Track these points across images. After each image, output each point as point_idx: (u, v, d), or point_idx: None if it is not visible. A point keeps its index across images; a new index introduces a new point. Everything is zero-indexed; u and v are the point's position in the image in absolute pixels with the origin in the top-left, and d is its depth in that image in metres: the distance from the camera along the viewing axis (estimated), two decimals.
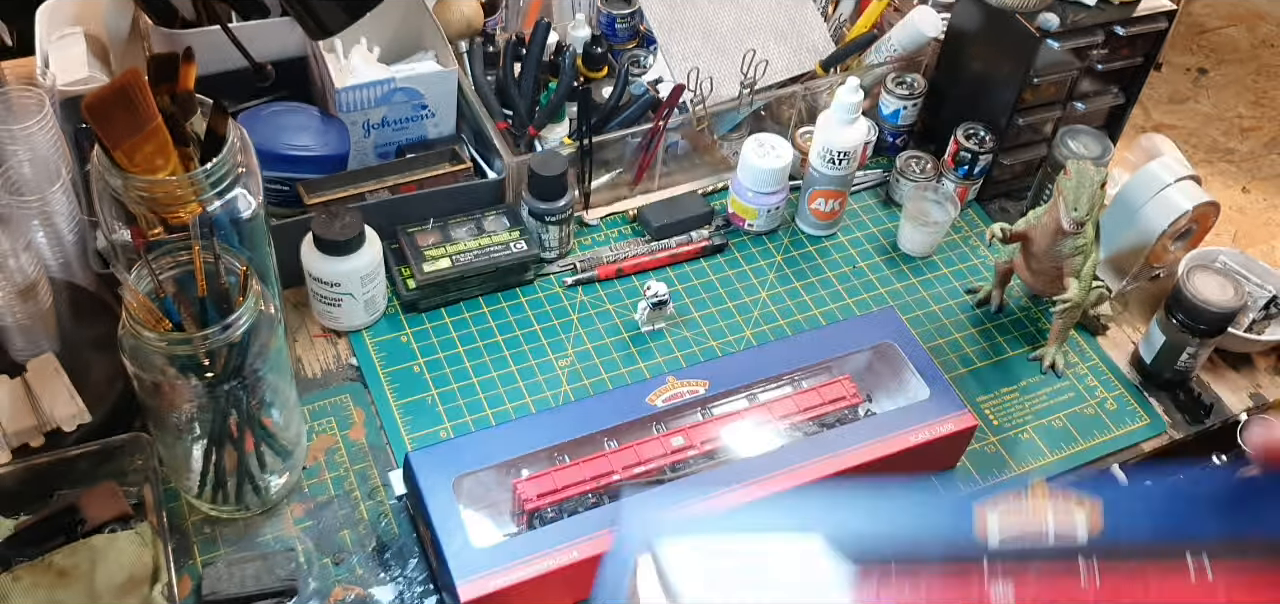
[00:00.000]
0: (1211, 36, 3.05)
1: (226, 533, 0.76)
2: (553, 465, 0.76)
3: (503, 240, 0.96)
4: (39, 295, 0.78)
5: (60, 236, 0.84)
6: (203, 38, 0.94)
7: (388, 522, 0.78)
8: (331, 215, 0.86)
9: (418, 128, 1.03)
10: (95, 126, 0.63)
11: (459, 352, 0.92)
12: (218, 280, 0.67)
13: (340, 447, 0.83)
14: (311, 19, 0.72)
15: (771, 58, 1.08)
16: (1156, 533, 0.34)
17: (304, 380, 0.88)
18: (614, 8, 1.16)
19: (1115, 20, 1.04)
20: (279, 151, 0.94)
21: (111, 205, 0.68)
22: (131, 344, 0.65)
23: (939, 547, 0.38)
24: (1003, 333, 1.00)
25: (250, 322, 0.66)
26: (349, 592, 0.74)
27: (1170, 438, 0.93)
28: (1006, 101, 1.06)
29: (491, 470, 0.75)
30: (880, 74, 1.14)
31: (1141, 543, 0.34)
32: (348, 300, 0.88)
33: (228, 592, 0.71)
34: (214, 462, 0.72)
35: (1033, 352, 0.98)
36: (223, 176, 0.68)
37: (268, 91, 0.98)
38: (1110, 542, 0.35)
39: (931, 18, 1.11)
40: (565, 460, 0.76)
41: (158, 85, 0.67)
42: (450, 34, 1.08)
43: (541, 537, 0.71)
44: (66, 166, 0.84)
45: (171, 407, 0.70)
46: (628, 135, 1.04)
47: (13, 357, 0.79)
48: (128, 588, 0.69)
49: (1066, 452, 0.90)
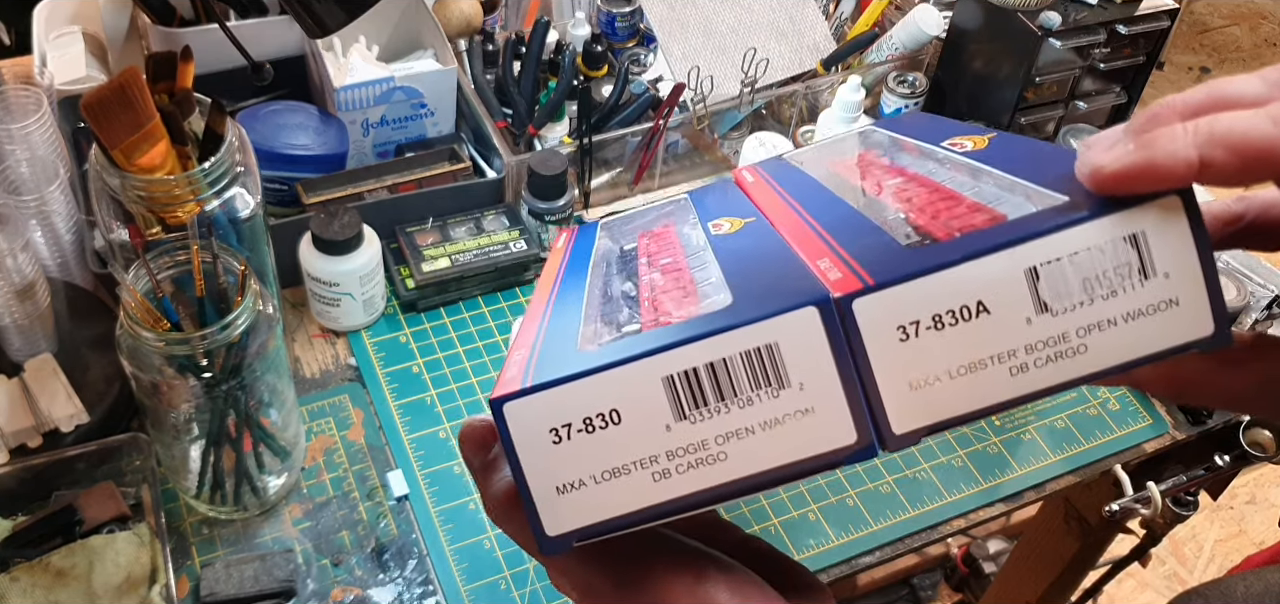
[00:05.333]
0: (1214, 35, 3.05)
1: (225, 534, 0.76)
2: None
3: (502, 240, 0.96)
4: (37, 295, 0.77)
5: (58, 236, 0.84)
6: (201, 36, 0.93)
7: (387, 522, 0.78)
8: (330, 215, 0.86)
9: (417, 127, 1.03)
10: (93, 126, 0.63)
11: (458, 352, 0.91)
12: (216, 280, 0.67)
13: (339, 447, 0.83)
14: (310, 17, 0.71)
15: (772, 56, 1.08)
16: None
17: (302, 380, 0.87)
18: (614, 6, 1.16)
19: (1117, 19, 1.04)
20: (277, 151, 0.94)
21: (109, 205, 0.68)
22: (129, 344, 0.65)
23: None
24: None
25: (248, 321, 0.65)
26: (348, 592, 0.74)
27: (1172, 438, 0.93)
28: (1008, 100, 1.06)
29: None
30: (882, 73, 1.14)
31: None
32: (346, 300, 0.88)
33: (226, 592, 0.71)
34: (212, 462, 0.72)
35: None
36: (221, 176, 0.68)
37: (266, 90, 0.98)
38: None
39: (933, 16, 1.11)
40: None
41: (156, 84, 0.67)
42: (449, 32, 1.08)
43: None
44: (64, 166, 0.84)
45: (170, 407, 0.70)
46: (628, 134, 1.04)
47: (10, 357, 0.78)
48: (126, 589, 0.68)
49: (1069, 452, 0.89)
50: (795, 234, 0.33)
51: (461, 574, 0.76)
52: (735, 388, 0.28)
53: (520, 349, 0.32)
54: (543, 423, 0.28)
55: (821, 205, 0.35)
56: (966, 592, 1.59)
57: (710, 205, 0.42)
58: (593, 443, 0.28)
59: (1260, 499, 2.01)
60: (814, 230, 0.32)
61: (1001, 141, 0.35)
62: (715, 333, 0.27)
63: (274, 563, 0.73)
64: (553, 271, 0.41)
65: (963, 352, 0.27)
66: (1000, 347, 0.27)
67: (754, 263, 0.32)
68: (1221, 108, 0.26)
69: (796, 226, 0.34)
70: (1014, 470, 0.88)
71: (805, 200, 0.37)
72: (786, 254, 0.31)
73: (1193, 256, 0.26)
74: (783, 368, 0.27)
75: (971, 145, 0.35)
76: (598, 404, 0.28)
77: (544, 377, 0.28)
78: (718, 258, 0.34)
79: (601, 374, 0.28)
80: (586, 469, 0.29)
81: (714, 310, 0.29)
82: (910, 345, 0.27)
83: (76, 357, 0.80)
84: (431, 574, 0.75)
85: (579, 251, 0.43)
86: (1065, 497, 1.16)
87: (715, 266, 0.33)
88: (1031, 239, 0.26)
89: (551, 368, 0.29)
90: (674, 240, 0.40)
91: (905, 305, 0.27)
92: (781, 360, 0.27)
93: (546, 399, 0.28)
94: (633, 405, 0.28)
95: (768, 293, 0.28)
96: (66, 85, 0.94)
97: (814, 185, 0.39)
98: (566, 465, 0.29)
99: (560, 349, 0.30)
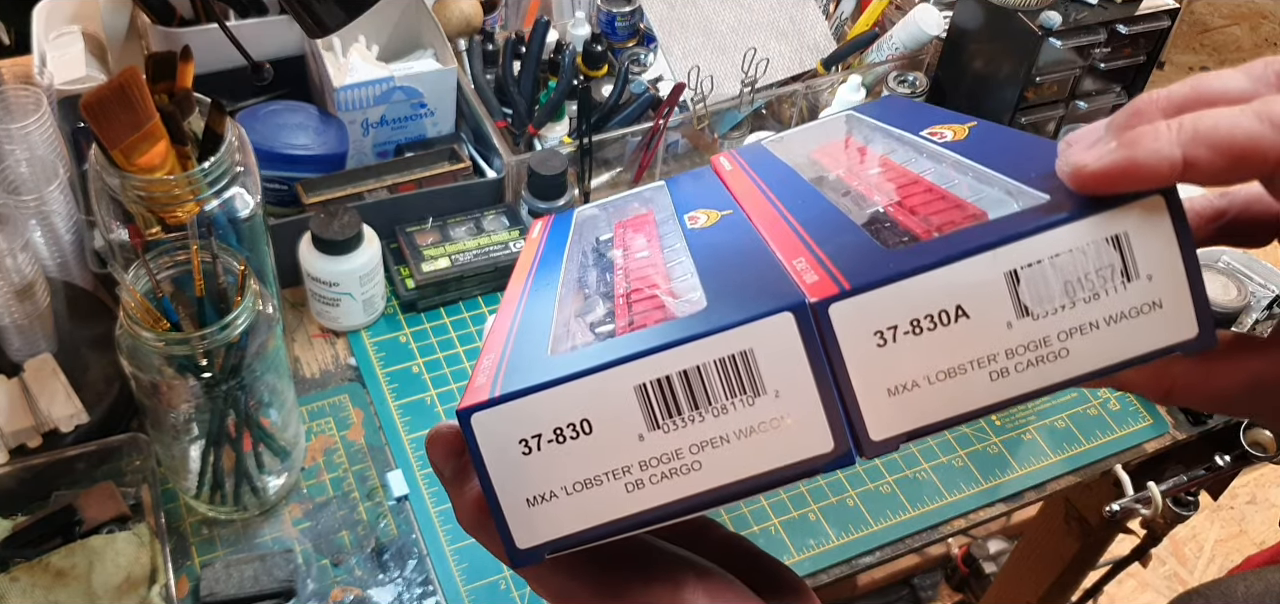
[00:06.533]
0: (1214, 35, 3.05)
1: (224, 534, 0.76)
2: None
3: (502, 240, 0.96)
4: (36, 295, 0.77)
5: (58, 236, 0.84)
6: (201, 36, 0.93)
7: (387, 522, 0.78)
8: (330, 214, 0.86)
9: (417, 127, 1.03)
10: (93, 125, 0.63)
11: (458, 352, 0.91)
12: (216, 280, 0.67)
13: (339, 447, 0.83)
14: (310, 17, 0.71)
15: (772, 56, 1.08)
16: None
17: (302, 380, 0.87)
18: (614, 6, 1.16)
19: (1117, 19, 1.04)
20: (277, 150, 0.94)
21: (109, 205, 0.68)
22: (129, 344, 0.65)
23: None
24: None
25: (248, 321, 0.65)
26: (347, 593, 0.74)
27: (1173, 438, 0.92)
28: (1009, 100, 1.06)
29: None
30: (882, 72, 1.14)
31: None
32: (346, 300, 0.88)
33: (226, 593, 0.71)
34: (212, 462, 0.72)
35: None
36: (221, 175, 0.67)
37: (266, 90, 0.98)
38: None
39: (933, 16, 1.11)
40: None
41: (156, 84, 0.67)
42: (449, 32, 1.08)
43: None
44: (64, 166, 0.84)
45: (169, 407, 0.69)
46: (628, 134, 1.04)
47: (10, 357, 0.78)
48: (125, 589, 0.68)
49: (1069, 452, 0.89)
50: (771, 230, 0.32)
51: (461, 574, 0.75)
52: (710, 396, 0.27)
53: (490, 354, 0.31)
54: (511, 433, 0.27)
55: (798, 198, 0.35)
56: (967, 592, 1.59)
57: (687, 195, 0.41)
58: (563, 453, 0.27)
59: (1261, 499, 2.01)
60: (790, 226, 0.32)
61: (982, 131, 0.34)
62: (689, 340, 0.27)
63: (274, 563, 0.73)
64: (527, 263, 0.40)
65: (942, 356, 0.26)
66: (980, 351, 0.26)
67: (729, 262, 0.31)
68: (1206, 104, 0.26)
69: (773, 221, 0.33)
70: (1014, 470, 0.88)
71: (782, 192, 0.36)
72: (762, 252, 0.31)
73: (1176, 258, 0.26)
74: (758, 375, 0.27)
75: (952, 135, 0.35)
76: (568, 414, 0.27)
77: (512, 386, 0.27)
78: (693, 255, 0.33)
79: (572, 383, 0.27)
80: (557, 480, 0.28)
81: (687, 314, 0.28)
82: (888, 350, 0.26)
83: (76, 357, 0.80)
84: (431, 574, 0.75)
85: (554, 242, 0.42)
86: (1066, 497, 1.16)
87: (689, 264, 0.33)
88: (1012, 241, 0.26)
89: (520, 376, 0.28)
90: (650, 232, 0.39)
91: (883, 310, 0.26)
92: (757, 367, 0.27)
93: (515, 409, 0.27)
94: (604, 415, 0.27)
95: (742, 296, 0.28)
96: (66, 85, 0.94)
97: (791, 175, 0.38)
98: (537, 477, 0.28)
99: (530, 353, 0.30)
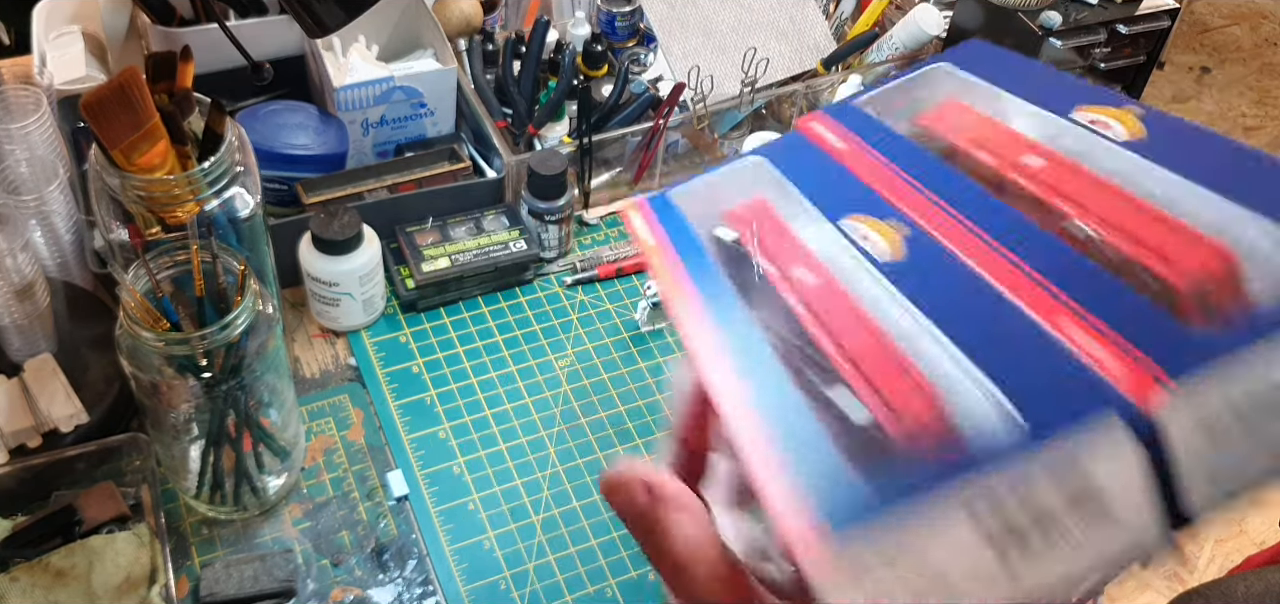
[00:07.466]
0: (1214, 35, 3.05)
1: (224, 534, 0.76)
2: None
3: (502, 240, 0.96)
4: (36, 295, 0.77)
5: (58, 236, 0.84)
6: (201, 36, 0.93)
7: (387, 522, 0.78)
8: (330, 214, 0.86)
9: (416, 127, 1.03)
10: (93, 125, 0.63)
11: (458, 352, 0.91)
12: (216, 280, 0.67)
13: (339, 447, 0.83)
14: (310, 17, 0.71)
15: (772, 56, 1.08)
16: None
17: (302, 380, 0.87)
18: (614, 6, 1.16)
19: (1118, 19, 1.04)
20: (277, 150, 0.94)
21: (109, 205, 0.68)
22: (129, 344, 0.65)
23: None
24: None
25: (248, 321, 0.65)
26: (347, 592, 0.74)
27: None
28: None
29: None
30: (882, 72, 1.14)
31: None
32: (346, 300, 0.88)
33: (226, 593, 0.71)
34: (212, 462, 0.72)
35: None
36: (220, 175, 0.67)
37: (266, 90, 0.98)
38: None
39: (933, 16, 1.11)
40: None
41: (155, 84, 0.67)
42: (449, 32, 1.08)
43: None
44: (64, 166, 0.84)
45: (169, 407, 0.69)
46: (628, 134, 1.04)
47: (10, 357, 0.78)
48: (125, 589, 0.68)
49: None
50: (987, 264, 0.27)
51: (461, 574, 0.75)
52: (1043, 518, 0.24)
53: (750, 442, 0.27)
54: (852, 571, 0.24)
55: (983, 210, 0.29)
56: None
57: (815, 186, 0.35)
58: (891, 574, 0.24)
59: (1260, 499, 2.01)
60: (1017, 268, 0.27)
61: (1156, 124, 0.29)
62: (1018, 458, 0.23)
63: (274, 563, 0.73)
64: (677, 283, 0.34)
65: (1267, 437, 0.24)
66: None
67: (984, 330, 0.27)
68: None
69: (985, 255, 0.28)
70: None
71: (949, 194, 0.30)
72: (1019, 317, 0.26)
73: None
74: (1090, 486, 0.24)
75: (1125, 131, 0.30)
76: (910, 546, 0.24)
77: (845, 521, 0.24)
78: (916, 307, 0.28)
79: (907, 519, 0.23)
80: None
81: (989, 420, 0.24)
82: (1215, 440, 0.24)
83: (76, 357, 0.80)
84: (431, 574, 0.75)
85: (684, 246, 0.36)
86: None
87: (911, 320, 0.28)
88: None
89: (839, 501, 0.24)
90: (793, 241, 0.33)
91: (1208, 400, 0.23)
92: (1087, 479, 0.24)
93: (856, 548, 0.23)
94: (940, 547, 0.24)
95: (1048, 397, 0.24)
96: (66, 85, 0.94)
97: (946, 173, 0.32)
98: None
99: (818, 459, 0.26)
